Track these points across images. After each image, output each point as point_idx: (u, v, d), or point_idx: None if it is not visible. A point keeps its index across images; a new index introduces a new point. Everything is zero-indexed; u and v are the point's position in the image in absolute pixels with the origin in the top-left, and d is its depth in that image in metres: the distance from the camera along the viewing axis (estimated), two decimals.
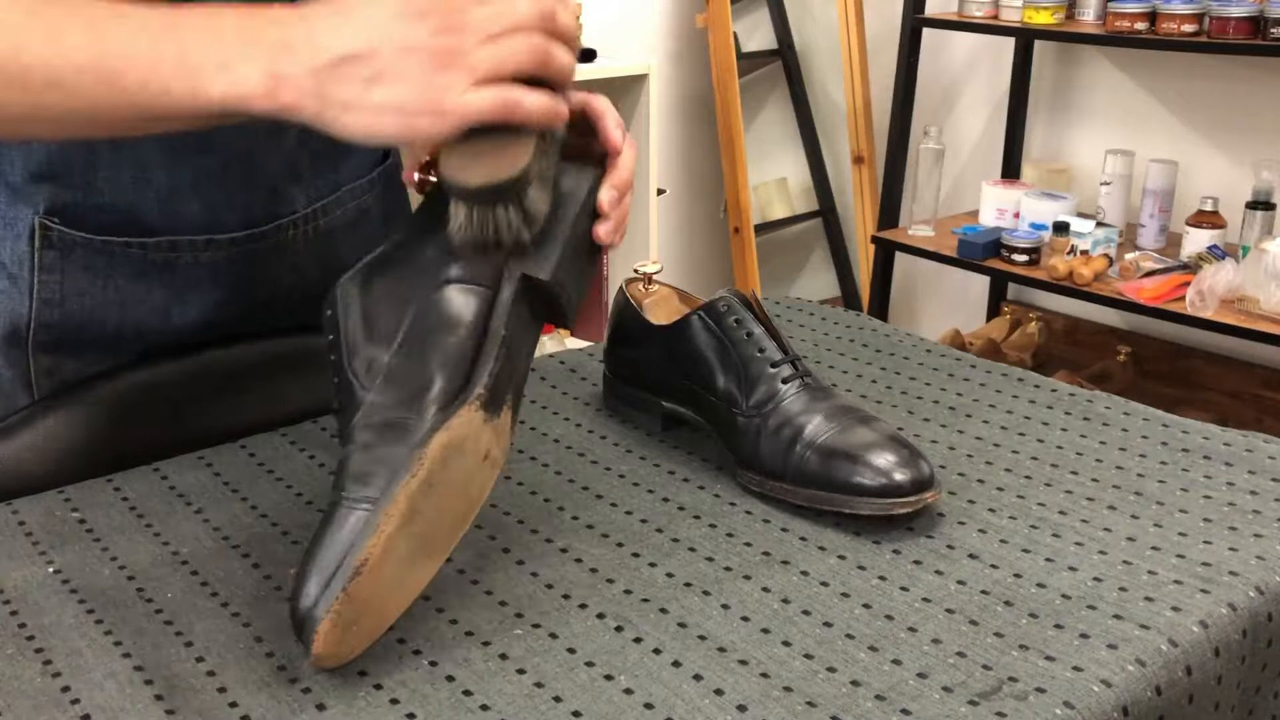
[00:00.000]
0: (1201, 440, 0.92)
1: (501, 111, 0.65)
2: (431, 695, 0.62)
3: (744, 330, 0.86)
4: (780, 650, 0.66)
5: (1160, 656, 0.65)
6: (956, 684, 0.63)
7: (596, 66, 2.47)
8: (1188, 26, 2.24)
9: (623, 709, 0.61)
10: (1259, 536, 0.78)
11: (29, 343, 0.90)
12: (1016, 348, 2.79)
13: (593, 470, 0.88)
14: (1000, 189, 2.68)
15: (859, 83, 3.00)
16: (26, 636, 0.67)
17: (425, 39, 0.63)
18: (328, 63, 0.63)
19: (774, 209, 3.19)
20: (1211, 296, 2.21)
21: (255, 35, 0.64)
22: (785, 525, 0.80)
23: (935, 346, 1.12)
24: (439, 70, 0.63)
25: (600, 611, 0.70)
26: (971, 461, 0.89)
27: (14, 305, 0.89)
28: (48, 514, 0.81)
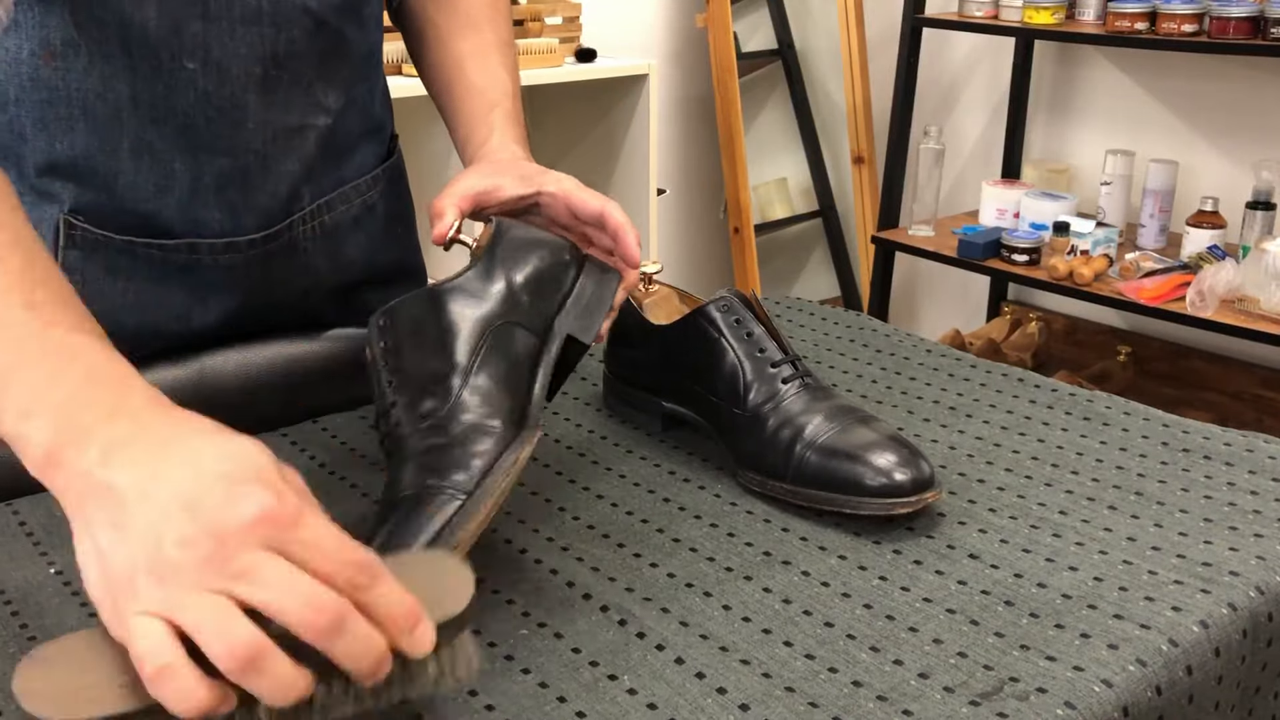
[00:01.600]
0: (1201, 440, 0.92)
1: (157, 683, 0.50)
2: (436, 695, 0.62)
3: (744, 330, 0.86)
4: (782, 651, 0.66)
5: (1161, 656, 0.66)
6: (958, 684, 0.63)
7: (596, 66, 2.47)
8: (1188, 26, 2.24)
9: (626, 709, 0.61)
10: (1259, 536, 0.78)
11: None
12: (1016, 348, 2.79)
13: (593, 470, 0.88)
14: (1000, 189, 2.68)
15: (859, 83, 3.00)
16: (29, 637, 0.68)
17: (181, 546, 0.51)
18: (99, 487, 0.53)
19: (774, 209, 3.19)
20: (1212, 296, 2.21)
21: (72, 412, 0.56)
22: (786, 525, 0.80)
23: (935, 346, 1.12)
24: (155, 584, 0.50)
25: (604, 605, 0.70)
26: (972, 461, 0.89)
27: None
28: (49, 514, 0.81)
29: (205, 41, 0.85)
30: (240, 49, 0.86)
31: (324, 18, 0.90)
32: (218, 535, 0.50)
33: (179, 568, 0.50)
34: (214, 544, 0.50)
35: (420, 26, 1.02)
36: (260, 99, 0.89)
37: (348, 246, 1.01)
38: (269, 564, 0.50)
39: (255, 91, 0.88)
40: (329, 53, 0.92)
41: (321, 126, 0.95)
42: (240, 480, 0.52)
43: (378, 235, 1.04)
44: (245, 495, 0.52)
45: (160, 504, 0.52)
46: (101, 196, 0.87)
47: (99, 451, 0.54)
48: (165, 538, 0.51)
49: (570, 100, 2.64)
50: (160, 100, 0.85)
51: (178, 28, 0.83)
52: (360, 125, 1.01)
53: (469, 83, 0.95)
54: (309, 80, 0.91)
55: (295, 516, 0.52)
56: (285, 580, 0.50)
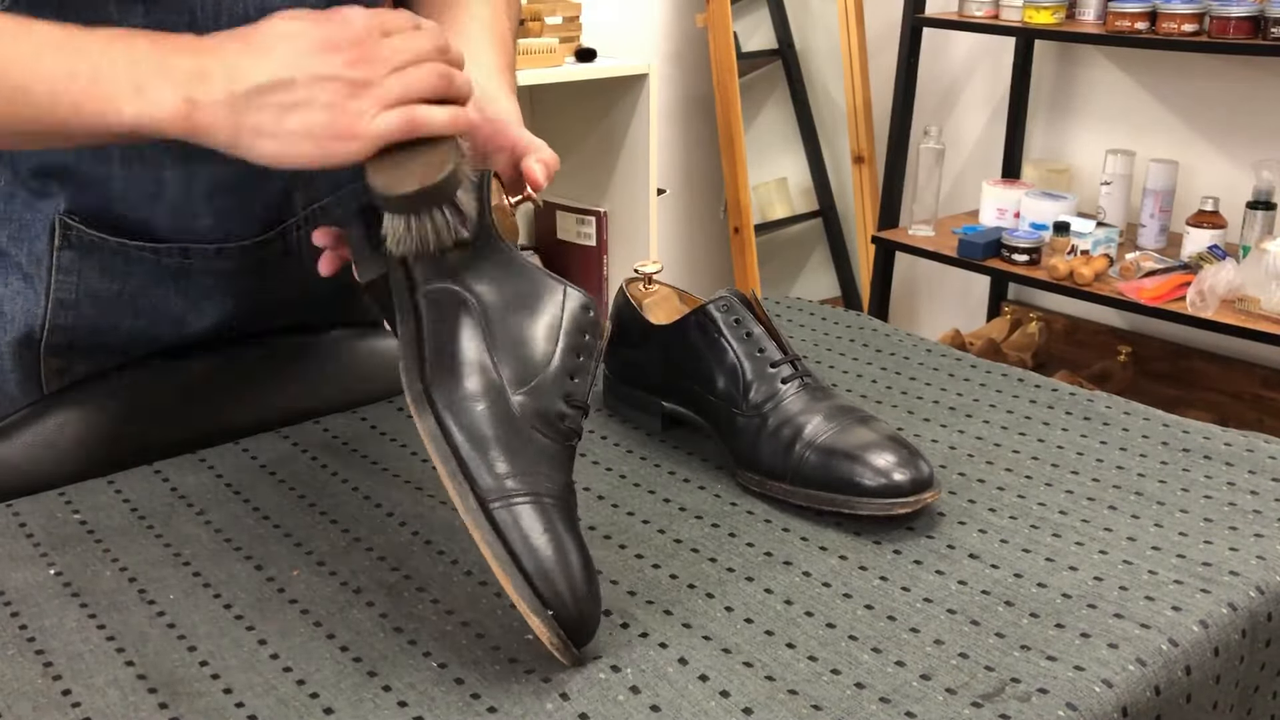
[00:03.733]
0: (1202, 440, 0.92)
1: (410, 128, 0.68)
2: (440, 698, 0.62)
3: (744, 330, 0.86)
4: (785, 652, 0.66)
5: (1160, 656, 0.65)
6: (960, 685, 0.63)
7: (596, 66, 2.47)
8: (1188, 26, 2.24)
9: (630, 711, 0.61)
10: (1259, 536, 0.78)
11: (41, 344, 0.90)
12: (1016, 348, 2.79)
13: (593, 470, 0.88)
14: (1000, 189, 2.68)
15: (859, 83, 3.00)
16: (28, 638, 0.68)
17: (338, 69, 0.66)
18: (244, 91, 0.66)
19: (774, 209, 3.18)
20: (1212, 296, 2.21)
21: (170, 61, 0.66)
22: (786, 526, 0.80)
23: (935, 346, 1.12)
24: (351, 98, 0.66)
25: (606, 607, 0.70)
26: (971, 461, 0.89)
27: (29, 306, 0.90)
28: (48, 515, 0.81)
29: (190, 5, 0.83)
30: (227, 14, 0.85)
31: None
32: (359, 42, 0.67)
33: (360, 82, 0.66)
34: (362, 48, 0.67)
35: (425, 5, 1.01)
36: None
37: None
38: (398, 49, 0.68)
39: None
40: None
41: None
42: (331, 16, 0.68)
43: None
44: (348, 16, 0.68)
45: (305, 60, 0.66)
46: (94, 200, 0.87)
47: (223, 74, 0.66)
48: (330, 74, 0.66)
49: (570, 100, 2.63)
50: None
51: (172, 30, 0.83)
52: None
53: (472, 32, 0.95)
54: None
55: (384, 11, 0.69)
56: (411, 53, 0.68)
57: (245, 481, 0.86)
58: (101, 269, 0.89)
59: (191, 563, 0.76)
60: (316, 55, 0.66)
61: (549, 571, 0.63)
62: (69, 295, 0.89)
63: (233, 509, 0.82)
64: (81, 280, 0.89)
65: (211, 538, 0.79)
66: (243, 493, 0.85)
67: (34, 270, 0.88)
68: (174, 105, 0.66)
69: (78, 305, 0.90)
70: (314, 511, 0.82)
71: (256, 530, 0.80)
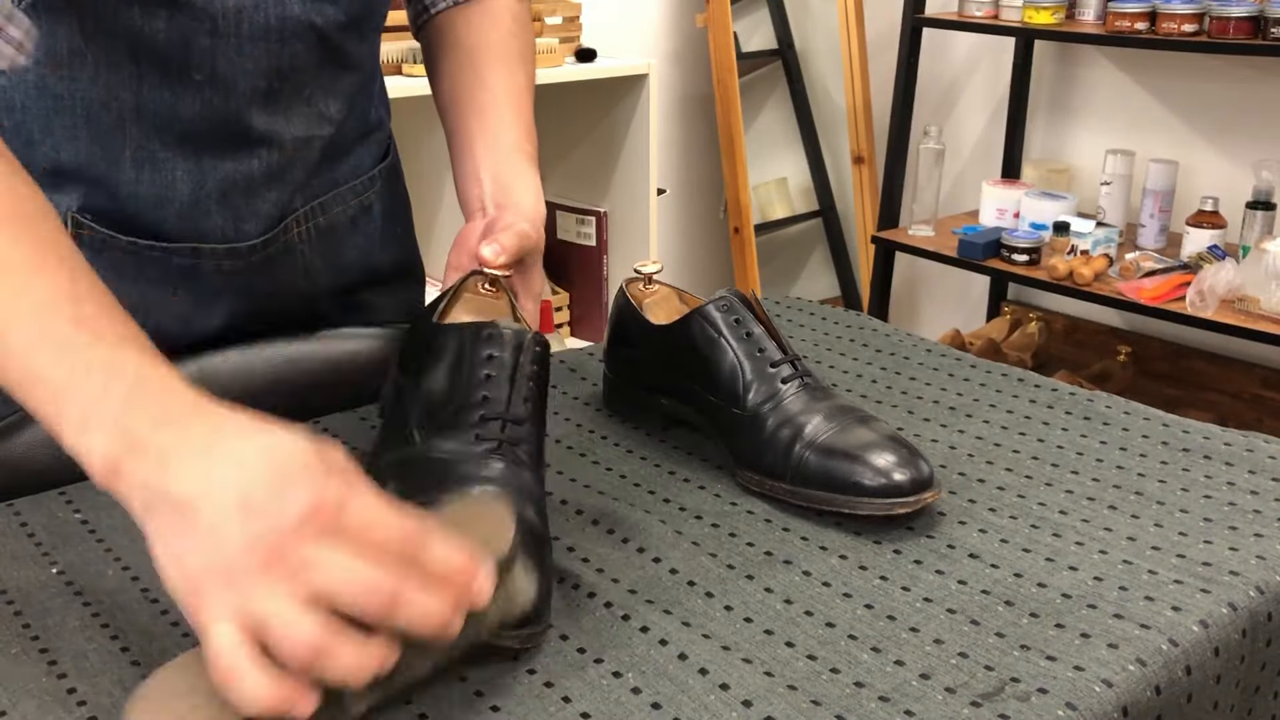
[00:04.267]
0: (1201, 440, 0.92)
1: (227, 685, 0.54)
2: (444, 695, 0.63)
3: (744, 330, 0.86)
4: (784, 651, 0.66)
5: (1160, 656, 0.66)
6: (959, 685, 0.63)
7: (596, 66, 2.47)
8: (1188, 26, 2.24)
9: (630, 710, 0.61)
10: (1259, 536, 0.78)
11: None
12: (1016, 348, 2.79)
13: (593, 470, 0.88)
14: (1000, 189, 2.68)
15: (859, 83, 3.01)
16: (31, 637, 0.68)
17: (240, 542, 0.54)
18: (156, 488, 0.57)
19: (774, 209, 3.19)
20: (1212, 296, 2.21)
21: (126, 423, 0.59)
22: (786, 525, 0.80)
23: (935, 346, 1.12)
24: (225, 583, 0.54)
25: (607, 602, 0.70)
26: (971, 461, 0.89)
27: None
28: (49, 515, 0.82)
29: (212, 56, 0.85)
30: (246, 64, 0.86)
31: (328, 33, 0.90)
32: (274, 534, 0.54)
33: (244, 570, 0.54)
34: (272, 544, 0.54)
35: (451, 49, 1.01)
36: (264, 112, 0.89)
37: (345, 247, 1.02)
38: (324, 555, 0.54)
39: (259, 105, 0.89)
40: (328, 64, 0.92)
41: (326, 136, 0.95)
42: (287, 476, 0.55)
43: (375, 236, 1.04)
44: (294, 492, 0.55)
45: (218, 508, 0.55)
46: (106, 200, 0.88)
47: (154, 461, 0.57)
48: (227, 542, 0.54)
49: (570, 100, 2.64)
50: (165, 110, 0.86)
51: (186, 41, 0.84)
52: (358, 129, 1.01)
53: (505, 118, 0.96)
54: (309, 92, 0.92)
55: (341, 503, 0.55)
56: (340, 569, 0.54)
57: None
58: (113, 268, 0.89)
59: None
60: (240, 510, 0.55)
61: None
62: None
63: None
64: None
65: None
66: None
67: None
68: (101, 462, 0.59)
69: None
70: None
71: None
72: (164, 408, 0.60)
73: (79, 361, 0.61)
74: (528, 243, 0.86)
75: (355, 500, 0.56)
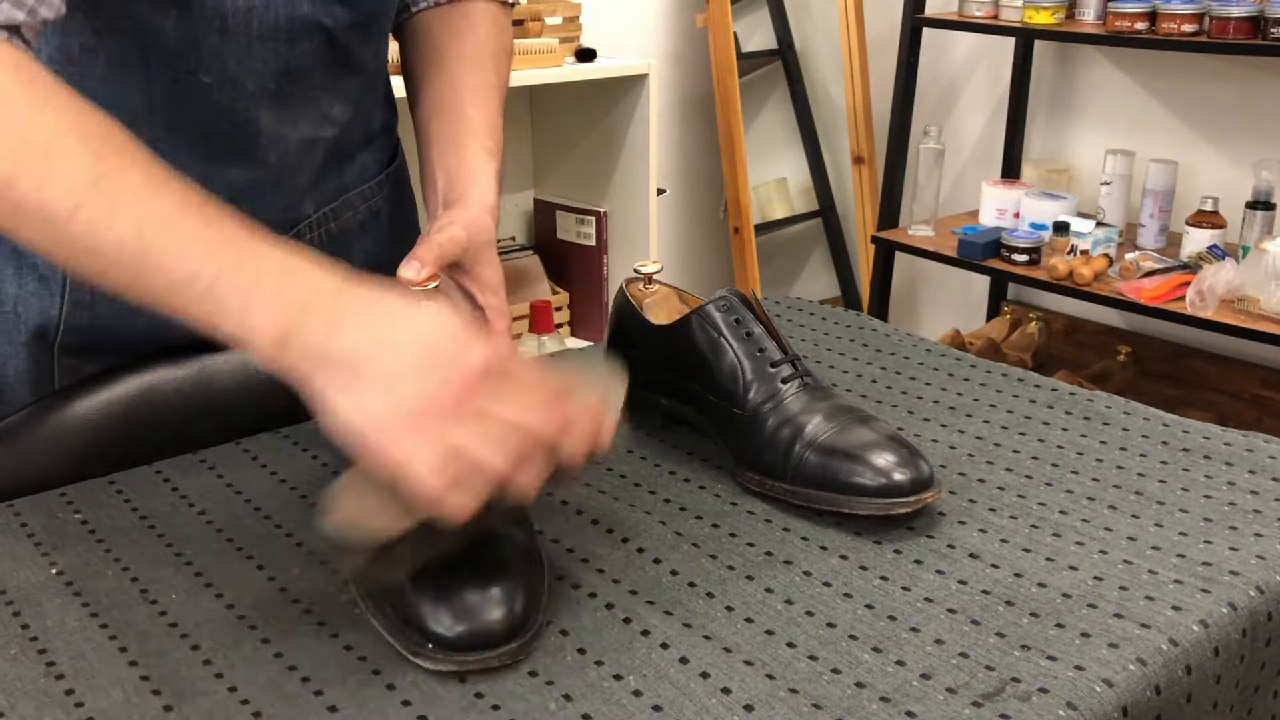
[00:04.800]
0: (1201, 440, 0.92)
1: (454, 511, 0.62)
2: (444, 696, 0.63)
3: (744, 330, 0.86)
4: (785, 652, 0.66)
5: (1160, 656, 0.66)
6: (960, 685, 0.63)
7: (596, 66, 2.47)
8: (1188, 26, 2.24)
9: (632, 711, 0.61)
10: (1259, 536, 0.78)
11: (56, 344, 0.91)
12: (1016, 348, 2.79)
13: (593, 470, 0.88)
14: (1000, 189, 2.68)
15: (859, 83, 3.00)
16: (30, 638, 0.68)
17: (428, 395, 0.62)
18: (334, 355, 0.63)
19: (774, 209, 3.19)
20: (1211, 296, 2.21)
21: (286, 298, 0.64)
22: (786, 525, 0.80)
23: (935, 346, 1.12)
24: (413, 428, 0.62)
25: (609, 603, 0.70)
26: (972, 461, 0.89)
27: (44, 307, 0.90)
28: (49, 515, 0.81)
29: (221, 55, 0.85)
30: (255, 64, 0.86)
31: (336, 34, 0.90)
32: (459, 382, 0.62)
33: (437, 411, 0.61)
34: (458, 390, 0.62)
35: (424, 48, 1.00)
36: (271, 113, 0.89)
37: (354, 252, 1.02)
38: (502, 399, 0.63)
39: (267, 105, 0.89)
40: (335, 65, 0.92)
41: (329, 138, 0.95)
42: (459, 337, 0.64)
43: (383, 239, 1.04)
44: (470, 347, 0.63)
45: (400, 361, 0.62)
46: None
47: (325, 325, 0.63)
48: (415, 389, 0.62)
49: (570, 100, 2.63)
50: (176, 111, 0.86)
51: (195, 41, 0.84)
52: (363, 132, 1.01)
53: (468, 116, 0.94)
54: (317, 94, 0.92)
55: (508, 358, 0.64)
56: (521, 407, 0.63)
57: (246, 481, 0.86)
58: None
59: (193, 562, 0.76)
60: (421, 363, 0.62)
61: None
62: (85, 297, 0.90)
63: (234, 509, 0.82)
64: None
65: (213, 537, 0.79)
66: (244, 492, 0.85)
67: (49, 271, 0.89)
68: (267, 341, 0.64)
69: (93, 306, 0.90)
70: (315, 510, 0.82)
71: (258, 530, 0.80)
72: (320, 282, 0.66)
73: (223, 258, 0.65)
74: (457, 245, 0.85)
75: (516, 360, 0.65)
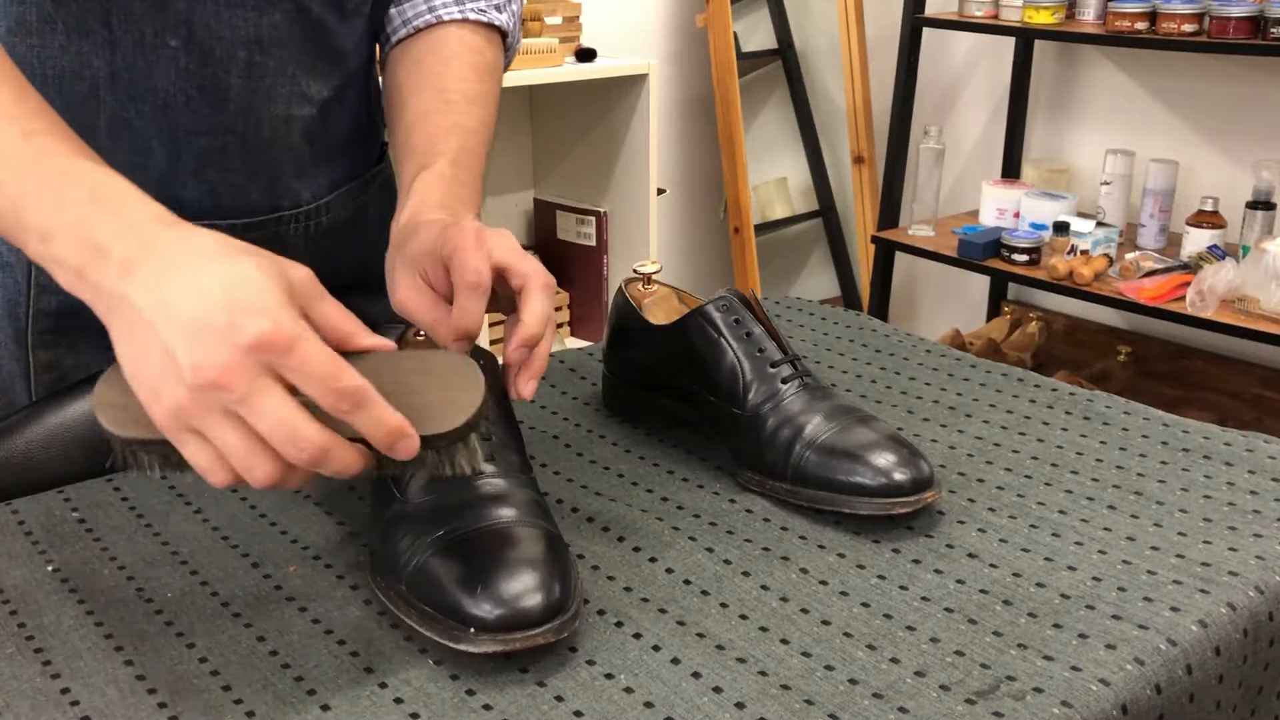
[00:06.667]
0: (1201, 440, 0.92)
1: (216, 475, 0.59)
2: (435, 695, 0.62)
3: (744, 330, 0.86)
4: (778, 648, 0.66)
5: (1159, 656, 0.65)
6: (954, 683, 0.63)
7: (596, 66, 2.47)
8: (1188, 26, 2.24)
9: (623, 708, 0.61)
10: (1259, 536, 0.78)
11: (28, 333, 0.90)
12: (1016, 348, 2.79)
13: (592, 470, 0.88)
14: (1000, 189, 2.68)
15: (859, 83, 3.01)
16: (26, 636, 0.67)
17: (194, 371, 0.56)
18: (121, 300, 0.59)
19: (774, 209, 3.19)
20: (1211, 296, 2.21)
21: (86, 231, 0.61)
22: (785, 523, 0.80)
23: (935, 346, 1.12)
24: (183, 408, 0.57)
25: (601, 609, 0.70)
26: (971, 461, 0.89)
27: (10, 294, 0.89)
28: (47, 514, 0.81)
29: (189, 19, 0.84)
30: (224, 31, 0.86)
31: (306, 4, 0.89)
32: (221, 361, 0.56)
33: (193, 389, 0.56)
34: (218, 370, 0.56)
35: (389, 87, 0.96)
36: (244, 83, 0.88)
37: (342, 249, 1.01)
38: (264, 395, 0.56)
39: (239, 75, 0.88)
40: (311, 41, 0.91)
41: (306, 118, 0.94)
42: (241, 303, 0.57)
43: (370, 239, 1.04)
44: (246, 319, 0.56)
45: (172, 327, 0.57)
46: None
47: (117, 269, 0.59)
48: (179, 360, 0.56)
49: (570, 100, 2.64)
50: (140, 77, 0.85)
51: (162, 3, 0.83)
52: (351, 127, 1.00)
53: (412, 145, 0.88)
54: (292, 69, 0.91)
55: (290, 342, 0.57)
56: (274, 414, 0.57)
57: None
58: None
59: (189, 560, 0.76)
60: (190, 332, 0.57)
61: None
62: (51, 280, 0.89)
63: (230, 507, 0.82)
64: None
65: (209, 535, 0.79)
66: (240, 490, 0.85)
67: (14, 258, 0.88)
68: (66, 269, 0.61)
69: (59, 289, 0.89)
70: (311, 508, 0.82)
71: (254, 528, 0.80)
72: (124, 216, 0.61)
73: (33, 174, 0.62)
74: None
75: (302, 344, 0.57)
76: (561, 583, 0.66)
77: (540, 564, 0.66)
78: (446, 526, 0.68)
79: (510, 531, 0.68)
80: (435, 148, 0.86)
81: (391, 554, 0.69)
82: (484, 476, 0.71)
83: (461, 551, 0.66)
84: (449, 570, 0.66)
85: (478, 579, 0.64)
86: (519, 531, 0.68)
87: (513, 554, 0.66)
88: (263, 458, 0.58)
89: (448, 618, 0.64)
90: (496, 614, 0.63)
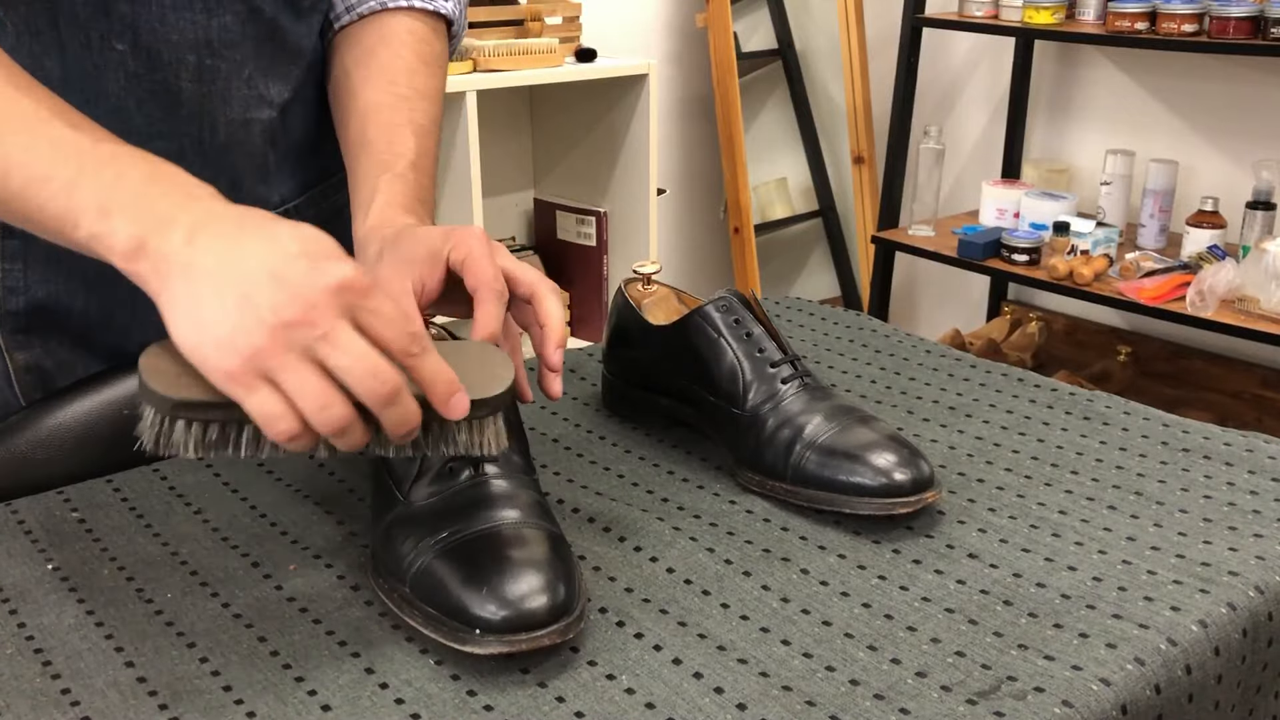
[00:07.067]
0: (1201, 440, 0.92)
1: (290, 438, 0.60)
2: (436, 695, 0.62)
3: (743, 330, 0.86)
4: (779, 649, 0.66)
5: (1159, 655, 0.65)
6: (955, 683, 0.63)
7: (596, 66, 2.47)
8: (1188, 26, 2.24)
9: (624, 709, 0.61)
10: (1259, 536, 0.78)
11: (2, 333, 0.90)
12: (1016, 348, 2.79)
13: (592, 470, 0.88)
14: (1000, 189, 2.68)
15: (859, 83, 3.00)
16: (26, 637, 0.67)
17: (272, 310, 0.58)
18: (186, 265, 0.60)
19: (774, 209, 3.19)
20: (1211, 296, 2.21)
21: (148, 203, 0.62)
22: (785, 524, 0.80)
23: (935, 346, 1.12)
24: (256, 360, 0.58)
25: (602, 608, 0.70)
26: (971, 461, 0.89)
27: None
28: (47, 514, 0.81)
29: (134, 23, 0.83)
30: (171, 34, 0.84)
31: (258, 5, 0.88)
32: (306, 300, 0.58)
33: (275, 329, 0.58)
34: (302, 308, 0.58)
35: (335, 75, 0.94)
36: (195, 87, 0.87)
37: None
38: (346, 332, 0.59)
39: (189, 79, 0.86)
40: (267, 42, 0.90)
41: (266, 120, 0.92)
42: (319, 255, 0.60)
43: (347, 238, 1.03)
44: (327, 267, 0.59)
45: (249, 275, 0.58)
46: None
47: (183, 235, 0.60)
48: (259, 304, 0.58)
49: (570, 100, 2.64)
50: (91, 80, 0.83)
51: (106, 7, 0.81)
52: (314, 126, 0.98)
53: (368, 141, 0.87)
54: (248, 72, 0.89)
55: (368, 288, 0.60)
56: (357, 349, 0.59)
57: (243, 480, 0.86)
58: (47, 257, 0.87)
59: (189, 561, 0.76)
60: (272, 278, 0.58)
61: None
62: (18, 283, 0.88)
63: (230, 507, 0.82)
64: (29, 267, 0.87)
65: (209, 536, 0.79)
66: (240, 491, 0.85)
67: None
68: (126, 243, 0.61)
69: (28, 290, 0.89)
70: (311, 509, 0.82)
71: (254, 528, 0.80)
72: (185, 191, 0.63)
73: (87, 157, 0.63)
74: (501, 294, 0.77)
75: (377, 291, 0.60)
76: (566, 584, 0.66)
77: (545, 565, 0.66)
78: (450, 528, 0.68)
79: (514, 533, 0.68)
80: (394, 148, 0.86)
81: (394, 556, 0.69)
82: (487, 478, 0.71)
83: (466, 553, 0.66)
84: (453, 572, 0.66)
85: (482, 580, 0.64)
86: (523, 533, 0.68)
87: (517, 555, 0.66)
88: (337, 397, 0.59)
89: (452, 619, 0.64)
90: (502, 615, 0.63)
